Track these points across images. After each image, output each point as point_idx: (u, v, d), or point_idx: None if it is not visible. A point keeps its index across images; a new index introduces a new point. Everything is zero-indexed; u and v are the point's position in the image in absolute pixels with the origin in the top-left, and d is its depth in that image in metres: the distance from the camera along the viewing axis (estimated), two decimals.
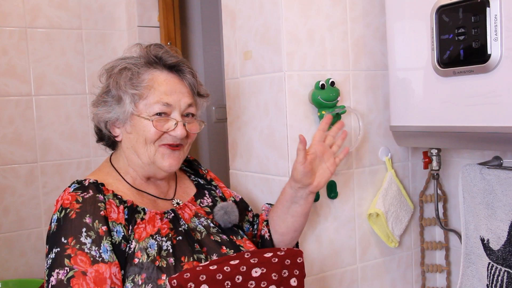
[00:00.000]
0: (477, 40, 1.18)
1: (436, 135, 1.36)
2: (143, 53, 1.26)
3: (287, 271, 1.10)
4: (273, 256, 1.10)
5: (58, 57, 2.35)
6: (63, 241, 1.07)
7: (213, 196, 1.37)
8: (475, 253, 1.43)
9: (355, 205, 1.53)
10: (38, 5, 2.30)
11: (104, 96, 1.23)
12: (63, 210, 1.11)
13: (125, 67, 1.22)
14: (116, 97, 1.21)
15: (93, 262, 1.06)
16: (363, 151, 1.54)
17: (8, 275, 2.26)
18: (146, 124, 1.19)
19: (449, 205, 1.69)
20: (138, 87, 1.20)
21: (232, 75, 1.58)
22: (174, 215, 1.23)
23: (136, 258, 1.11)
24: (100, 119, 1.24)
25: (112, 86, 1.22)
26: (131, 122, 1.21)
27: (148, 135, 1.19)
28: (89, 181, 1.17)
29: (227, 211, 1.29)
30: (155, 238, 1.15)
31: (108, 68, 1.25)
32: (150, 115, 1.19)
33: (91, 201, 1.12)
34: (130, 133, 1.22)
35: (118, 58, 1.26)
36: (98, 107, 1.23)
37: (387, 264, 1.62)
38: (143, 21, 2.44)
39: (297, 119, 1.40)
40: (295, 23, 1.39)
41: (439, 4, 1.26)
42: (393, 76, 1.44)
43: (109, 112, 1.22)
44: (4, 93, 2.24)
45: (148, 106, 1.19)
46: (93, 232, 1.08)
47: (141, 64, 1.23)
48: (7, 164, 2.26)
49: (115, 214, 1.14)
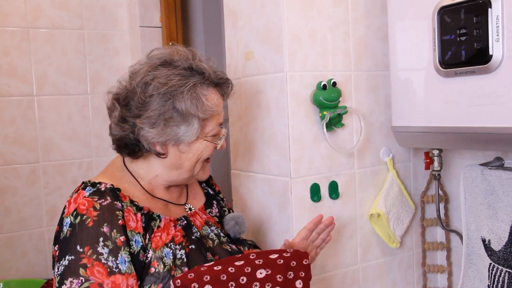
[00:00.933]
0: (478, 41, 1.18)
1: (437, 135, 1.36)
2: (196, 66, 1.18)
3: (292, 273, 1.09)
4: (279, 258, 1.09)
5: (60, 57, 2.36)
6: (79, 250, 1.04)
7: (220, 207, 1.38)
8: (476, 254, 1.43)
9: (356, 205, 1.53)
10: (39, 5, 2.31)
11: (166, 118, 1.13)
12: (79, 215, 1.07)
13: (194, 84, 1.15)
14: (184, 119, 1.14)
15: (110, 273, 1.03)
16: (365, 151, 1.54)
17: (10, 275, 2.26)
18: (208, 145, 1.20)
19: (451, 205, 1.69)
20: (207, 112, 1.16)
21: (233, 76, 1.58)
22: (186, 222, 1.23)
23: (152, 268, 1.09)
24: (149, 139, 1.15)
25: (179, 107, 1.13)
26: (189, 143, 1.18)
27: (206, 155, 1.21)
28: (106, 186, 1.13)
29: (238, 222, 1.30)
30: (169, 247, 1.14)
31: (168, 84, 1.13)
32: (209, 136, 1.20)
33: (109, 209, 1.09)
34: (183, 153, 1.19)
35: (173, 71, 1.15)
36: (154, 128, 1.13)
37: (389, 264, 1.62)
38: (145, 22, 2.44)
39: (298, 119, 1.40)
40: (297, 24, 1.39)
41: (441, 4, 1.26)
42: (394, 76, 1.44)
43: (164, 134, 1.14)
44: (5, 93, 2.25)
45: (211, 129, 1.20)
46: (110, 242, 1.06)
47: (202, 82, 1.17)
48: (9, 164, 2.27)
49: (133, 222, 1.12)
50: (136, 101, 1.14)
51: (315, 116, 1.43)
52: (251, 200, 1.57)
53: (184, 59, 1.19)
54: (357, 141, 1.50)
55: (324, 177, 1.46)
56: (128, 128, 1.16)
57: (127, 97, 1.16)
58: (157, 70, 1.16)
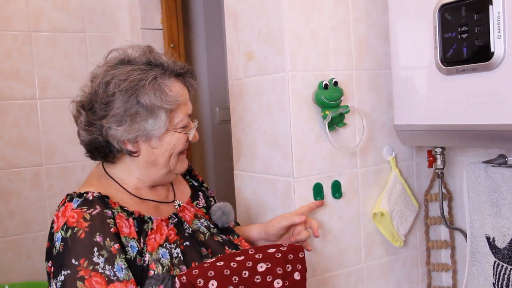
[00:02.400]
0: (480, 38, 1.18)
1: (440, 133, 1.36)
2: (153, 59, 1.18)
3: (290, 266, 1.12)
4: (277, 252, 1.12)
5: (62, 60, 2.36)
6: (74, 263, 1.03)
7: (206, 197, 1.38)
8: (480, 252, 1.42)
9: (359, 204, 1.53)
10: (41, 8, 2.31)
11: (131, 113, 1.13)
12: (70, 229, 1.06)
13: (155, 78, 1.14)
14: (150, 113, 1.14)
15: (109, 282, 1.02)
16: (367, 150, 1.53)
17: (14, 278, 2.27)
18: (179, 137, 1.19)
19: (454, 203, 1.68)
20: (172, 103, 1.15)
21: (235, 76, 1.59)
22: (177, 219, 1.23)
23: (151, 271, 1.09)
24: (119, 137, 1.14)
25: (143, 101, 1.12)
26: (160, 137, 1.17)
27: (179, 147, 1.20)
28: (93, 194, 1.11)
29: (225, 211, 1.31)
30: (165, 247, 1.14)
31: (131, 80, 1.13)
32: (182, 128, 1.19)
33: (100, 218, 1.08)
34: (155, 148, 1.18)
35: (133, 68, 1.16)
36: (121, 125, 1.13)
37: (393, 263, 1.62)
38: (146, 24, 2.44)
39: (300, 119, 1.40)
40: (298, 24, 1.39)
41: (442, 2, 1.25)
42: (396, 75, 1.44)
43: (132, 130, 1.13)
44: (8, 97, 2.26)
45: (180, 120, 1.19)
46: (105, 251, 1.04)
47: (163, 74, 1.17)
48: (13, 168, 2.27)
49: (127, 228, 1.11)
50: (99, 103, 1.14)
51: (317, 116, 1.43)
52: (254, 200, 1.57)
53: (141, 55, 1.20)
54: (360, 140, 1.50)
55: (327, 176, 1.46)
56: (96, 130, 1.16)
57: (90, 101, 1.16)
58: (116, 69, 1.16)
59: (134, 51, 1.21)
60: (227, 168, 2.89)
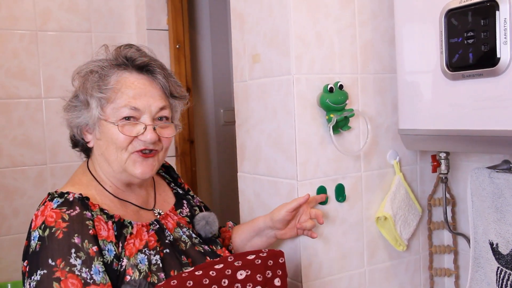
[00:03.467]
0: (486, 43, 1.18)
1: (444, 138, 1.35)
2: (113, 54, 1.20)
3: (270, 272, 1.11)
4: (256, 258, 1.11)
5: (68, 60, 2.37)
6: (51, 263, 1.01)
7: (191, 206, 1.37)
8: (484, 257, 1.42)
9: (363, 208, 1.53)
10: (48, 8, 2.32)
11: (73, 101, 1.19)
12: (47, 228, 1.04)
13: (91, 70, 1.17)
14: (84, 102, 1.16)
15: (85, 284, 1.00)
16: (371, 154, 1.53)
17: (18, 276, 2.27)
18: (113, 129, 1.13)
19: (458, 209, 1.68)
20: (105, 90, 1.13)
21: (240, 78, 1.59)
22: (159, 226, 1.22)
23: (127, 276, 1.08)
24: (71, 124, 1.20)
25: (79, 90, 1.17)
26: (100, 128, 1.15)
27: (117, 141, 1.13)
28: (74, 195, 1.11)
29: (209, 221, 1.30)
30: (144, 252, 1.13)
31: (78, 72, 1.20)
32: (117, 120, 1.13)
33: (78, 220, 1.06)
34: (99, 139, 1.17)
35: (88, 61, 1.21)
36: (68, 112, 1.19)
37: (395, 267, 1.61)
38: (152, 24, 2.45)
39: (305, 122, 1.41)
40: (304, 26, 1.39)
41: (448, 7, 1.25)
42: (401, 79, 1.44)
43: (78, 117, 1.17)
44: (14, 96, 2.27)
45: (116, 111, 1.14)
46: (82, 253, 1.03)
47: (109, 66, 1.17)
48: (17, 166, 2.28)
49: (105, 231, 1.10)
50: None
51: (322, 119, 1.43)
52: (258, 202, 1.57)
53: (114, 53, 1.22)
54: (364, 144, 1.50)
55: (331, 180, 1.46)
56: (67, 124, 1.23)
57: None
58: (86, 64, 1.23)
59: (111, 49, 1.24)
60: (231, 170, 2.89)
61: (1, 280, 2.23)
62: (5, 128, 2.25)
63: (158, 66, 1.21)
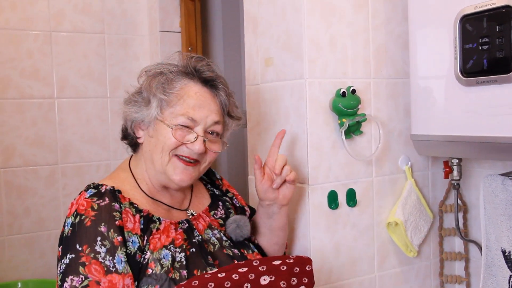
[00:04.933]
0: (501, 49, 1.17)
1: (457, 144, 1.35)
2: (183, 62, 1.24)
3: (296, 279, 1.08)
4: (282, 264, 1.09)
5: (81, 61, 2.39)
6: (78, 248, 1.07)
7: (226, 208, 1.37)
8: (496, 265, 1.41)
9: (374, 213, 1.52)
10: (62, 10, 2.35)
11: (135, 96, 1.23)
12: (78, 215, 1.10)
13: (160, 72, 1.22)
14: (146, 99, 1.21)
15: (107, 272, 1.05)
16: (383, 159, 1.53)
17: (28, 275, 2.29)
18: (167, 131, 1.18)
19: (469, 215, 1.67)
20: (168, 94, 1.19)
21: (253, 81, 1.59)
22: (188, 225, 1.23)
23: (149, 269, 1.10)
24: (128, 117, 1.24)
25: (144, 88, 1.22)
26: (155, 127, 1.20)
27: (167, 142, 1.17)
28: (106, 187, 1.16)
29: (240, 224, 1.29)
30: (169, 249, 1.15)
31: (147, 70, 1.25)
32: (173, 124, 1.17)
33: (106, 210, 1.11)
34: (151, 137, 1.21)
35: (159, 63, 1.26)
36: (128, 105, 1.23)
37: (406, 273, 1.61)
38: (165, 27, 2.46)
39: (317, 126, 1.40)
40: (317, 30, 1.39)
41: (463, 13, 1.25)
42: (414, 84, 1.43)
43: (136, 112, 1.22)
44: (28, 96, 2.29)
45: (173, 116, 1.18)
46: (108, 242, 1.08)
47: (178, 72, 1.22)
48: (29, 166, 2.30)
49: (131, 224, 1.13)
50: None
51: (334, 123, 1.43)
52: None
53: (185, 61, 1.26)
54: (376, 149, 1.49)
55: (342, 184, 1.45)
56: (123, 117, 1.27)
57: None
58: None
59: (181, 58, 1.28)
60: (242, 173, 2.90)
61: (12, 279, 2.25)
62: (19, 128, 2.27)
63: (223, 83, 1.26)
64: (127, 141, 1.30)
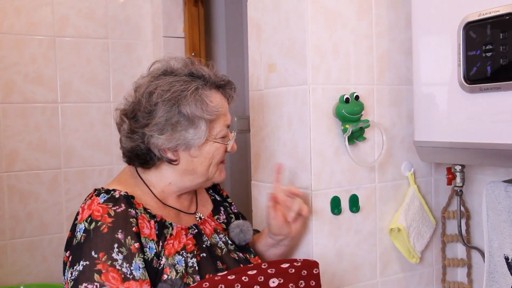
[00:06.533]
0: (505, 57, 1.18)
1: (460, 151, 1.35)
2: (198, 71, 1.23)
3: (303, 282, 1.11)
4: (290, 267, 1.11)
5: (84, 66, 2.40)
6: (93, 255, 1.05)
7: (227, 213, 1.39)
8: (498, 272, 1.41)
9: (376, 219, 1.52)
10: (66, 15, 2.36)
11: (173, 123, 1.16)
12: (93, 222, 1.08)
13: (196, 88, 1.18)
14: (191, 123, 1.17)
15: (124, 279, 1.04)
16: (386, 165, 1.53)
17: (30, 279, 2.29)
18: (218, 147, 1.22)
19: (472, 222, 1.67)
20: (212, 113, 1.19)
21: (256, 87, 1.60)
22: (197, 230, 1.25)
23: (165, 275, 1.10)
24: (159, 146, 1.17)
25: (185, 111, 1.15)
26: (199, 147, 1.19)
27: (217, 157, 1.22)
28: (120, 193, 1.14)
29: (243, 229, 1.32)
30: (181, 254, 1.15)
31: (173, 90, 1.16)
32: (218, 138, 1.22)
33: (123, 216, 1.10)
34: (195, 157, 1.20)
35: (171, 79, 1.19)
36: (163, 134, 1.15)
37: (408, 279, 1.60)
38: (168, 32, 2.48)
39: (320, 132, 1.41)
40: (321, 37, 1.40)
41: (467, 20, 1.25)
42: (417, 91, 1.43)
43: (173, 139, 1.16)
44: (31, 100, 2.30)
45: (219, 130, 1.22)
46: (125, 249, 1.07)
47: (208, 86, 1.22)
48: (32, 170, 2.31)
49: (147, 229, 1.13)
50: (142, 112, 1.17)
51: (337, 129, 1.43)
52: None
53: (183, 66, 1.24)
54: (379, 155, 1.49)
55: (345, 190, 1.45)
56: (138, 138, 1.18)
57: (133, 109, 1.19)
58: (159, 80, 1.20)
59: (177, 62, 1.25)
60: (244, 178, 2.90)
61: (14, 283, 2.25)
62: (22, 133, 2.28)
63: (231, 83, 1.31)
64: (139, 161, 1.22)
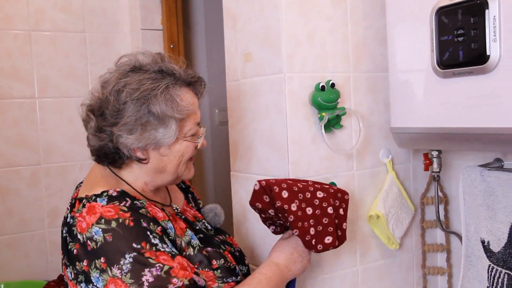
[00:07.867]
0: (476, 41, 1.18)
1: (436, 137, 1.36)
2: (168, 68, 1.19)
3: (338, 201, 1.31)
4: (330, 187, 1.31)
5: (62, 60, 2.38)
6: (137, 246, 1.05)
7: (195, 200, 1.44)
8: (475, 255, 1.42)
9: (355, 207, 1.53)
10: (42, 8, 2.32)
11: (142, 122, 1.13)
12: (112, 221, 1.07)
13: (167, 87, 1.15)
14: (161, 122, 1.14)
15: (172, 256, 1.08)
16: (364, 153, 1.54)
17: (11, 277, 2.27)
18: (188, 145, 1.21)
19: (450, 207, 1.68)
20: (183, 112, 1.17)
21: (233, 77, 1.59)
22: (184, 217, 1.29)
23: (184, 252, 1.16)
24: (129, 145, 1.15)
25: (155, 111, 1.13)
26: (169, 146, 1.18)
27: (187, 155, 1.22)
28: (116, 190, 1.14)
29: (216, 212, 1.37)
30: (189, 229, 1.23)
31: (143, 89, 1.13)
32: (188, 136, 1.21)
33: (135, 209, 1.11)
34: (165, 156, 1.19)
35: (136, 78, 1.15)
36: (132, 134, 1.13)
37: (388, 266, 1.62)
38: (146, 24, 2.45)
39: (297, 120, 1.41)
40: (296, 25, 1.40)
41: (439, 5, 1.26)
42: (393, 78, 1.44)
43: (143, 139, 1.14)
44: (8, 96, 2.26)
45: (189, 129, 1.21)
46: (156, 234, 1.10)
47: (178, 84, 1.18)
48: (11, 166, 2.28)
49: (160, 213, 1.16)
50: (110, 110, 1.14)
51: (314, 118, 1.43)
52: None
53: (153, 63, 1.19)
54: (356, 142, 1.50)
55: (323, 178, 1.46)
56: (106, 137, 1.15)
57: (101, 107, 1.16)
58: (127, 77, 1.16)
59: (145, 57, 1.21)
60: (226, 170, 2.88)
61: None
62: (0, 129, 2.25)
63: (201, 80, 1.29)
64: (107, 160, 1.19)
